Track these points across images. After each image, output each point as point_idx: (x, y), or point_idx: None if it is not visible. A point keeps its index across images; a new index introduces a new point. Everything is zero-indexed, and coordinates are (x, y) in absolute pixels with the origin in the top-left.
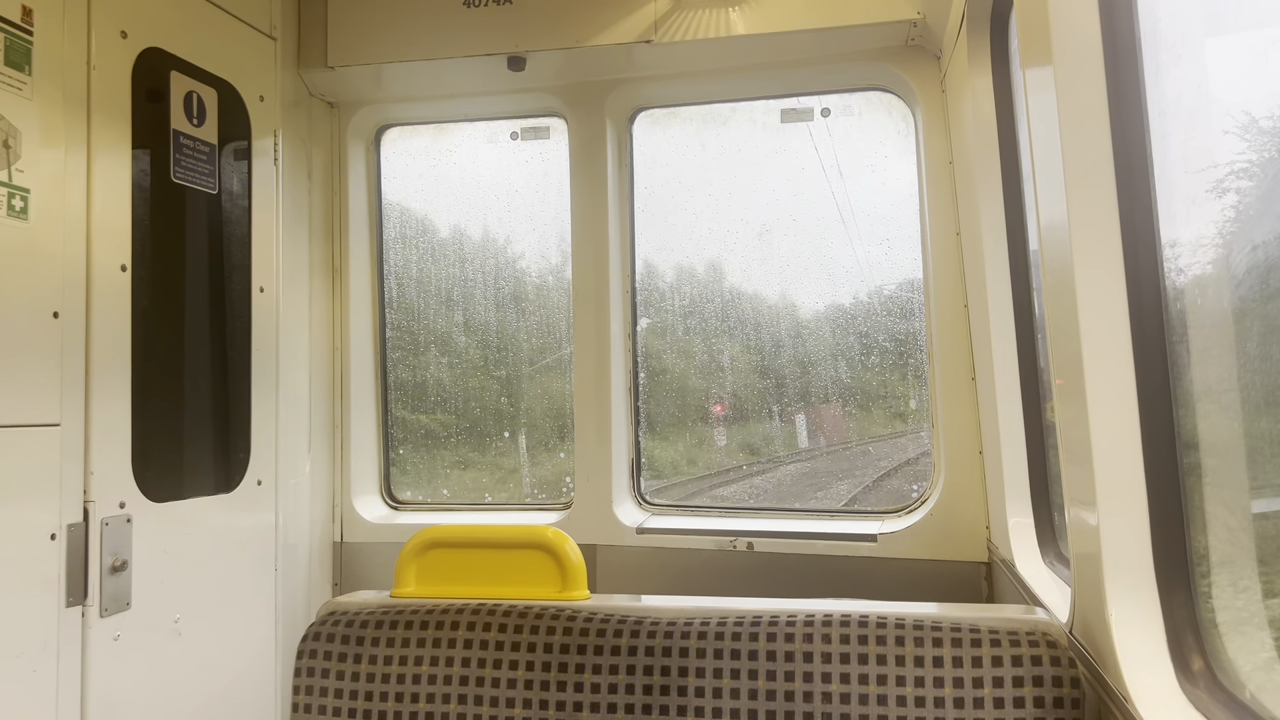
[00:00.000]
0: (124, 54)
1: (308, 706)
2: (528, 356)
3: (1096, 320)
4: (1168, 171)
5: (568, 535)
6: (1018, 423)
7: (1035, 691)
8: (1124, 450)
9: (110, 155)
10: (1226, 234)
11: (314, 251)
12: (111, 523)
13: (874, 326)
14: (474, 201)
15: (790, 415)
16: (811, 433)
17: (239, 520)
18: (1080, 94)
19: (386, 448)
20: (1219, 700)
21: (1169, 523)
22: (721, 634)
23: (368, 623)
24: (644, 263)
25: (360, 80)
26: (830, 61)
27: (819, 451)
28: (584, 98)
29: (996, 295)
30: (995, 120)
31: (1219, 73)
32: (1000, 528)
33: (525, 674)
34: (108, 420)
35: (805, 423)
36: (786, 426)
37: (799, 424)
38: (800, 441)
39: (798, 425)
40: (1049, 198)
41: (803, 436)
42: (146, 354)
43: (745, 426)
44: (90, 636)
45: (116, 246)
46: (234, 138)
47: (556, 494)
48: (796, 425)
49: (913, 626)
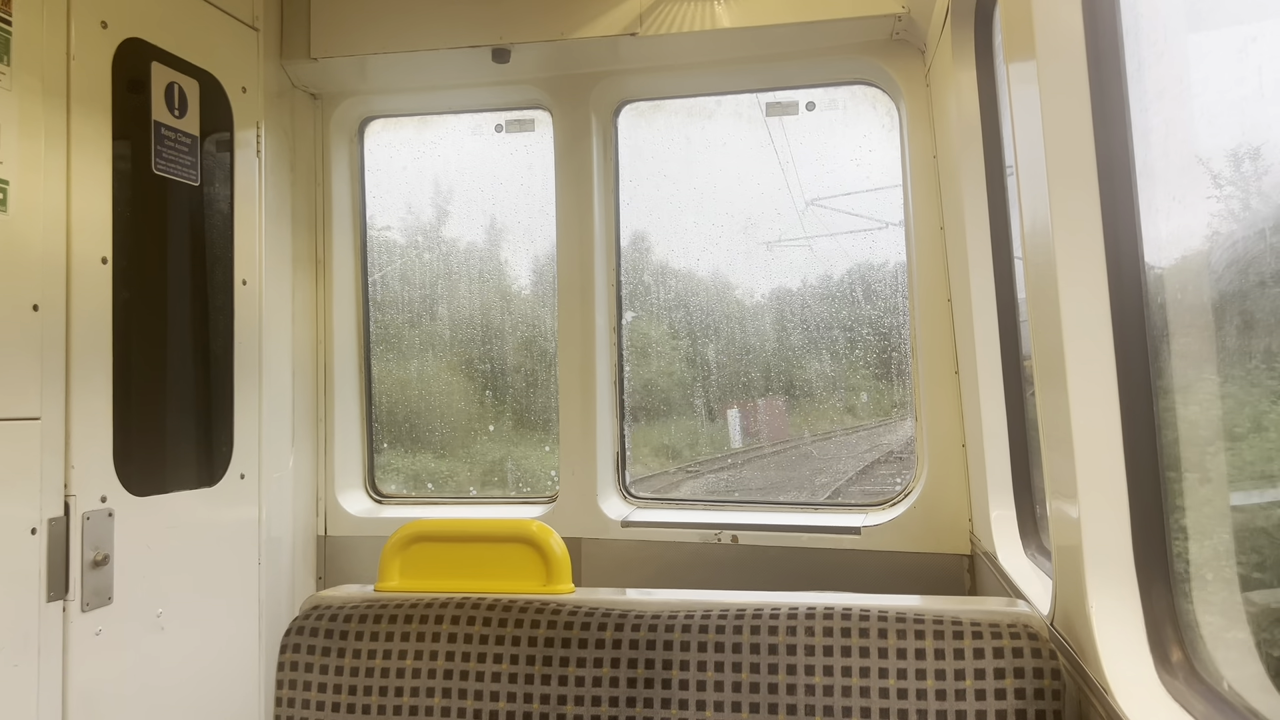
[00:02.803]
0: (104, 44)
1: (291, 700)
2: (512, 349)
3: (1078, 314)
4: (1149, 166)
5: (552, 529)
6: (1000, 416)
7: (1016, 683)
8: (1105, 443)
9: (90, 147)
10: (1207, 228)
11: (297, 244)
12: (93, 517)
13: (857, 319)
14: (458, 194)
15: (768, 408)
16: (794, 425)
17: (222, 514)
18: (1063, 89)
19: (371, 441)
20: (1197, 691)
21: (1149, 516)
22: (706, 627)
23: (351, 616)
24: (629, 257)
25: (344, 72)
26: (815, 55)
27: (804, 442)
28: (569, 90)
29: (979, 289)
30: (979, 115)
31: (1200, 68)
32: (982, 520)
33: (510, 667)
34: (88, 414)
35: (776, 415)
36: (766, 418)
37: (754, 418)
38: (785, 433)
39: (745, 420)
40: (1032, 192)
41: (778, 429)
42: (128, 347)
43: (716, 419)
44: (71, 631)
45: (97, 239)
46: (216, 129)
47: (542, 488)
48: (762, 418)
49: (895, 619)
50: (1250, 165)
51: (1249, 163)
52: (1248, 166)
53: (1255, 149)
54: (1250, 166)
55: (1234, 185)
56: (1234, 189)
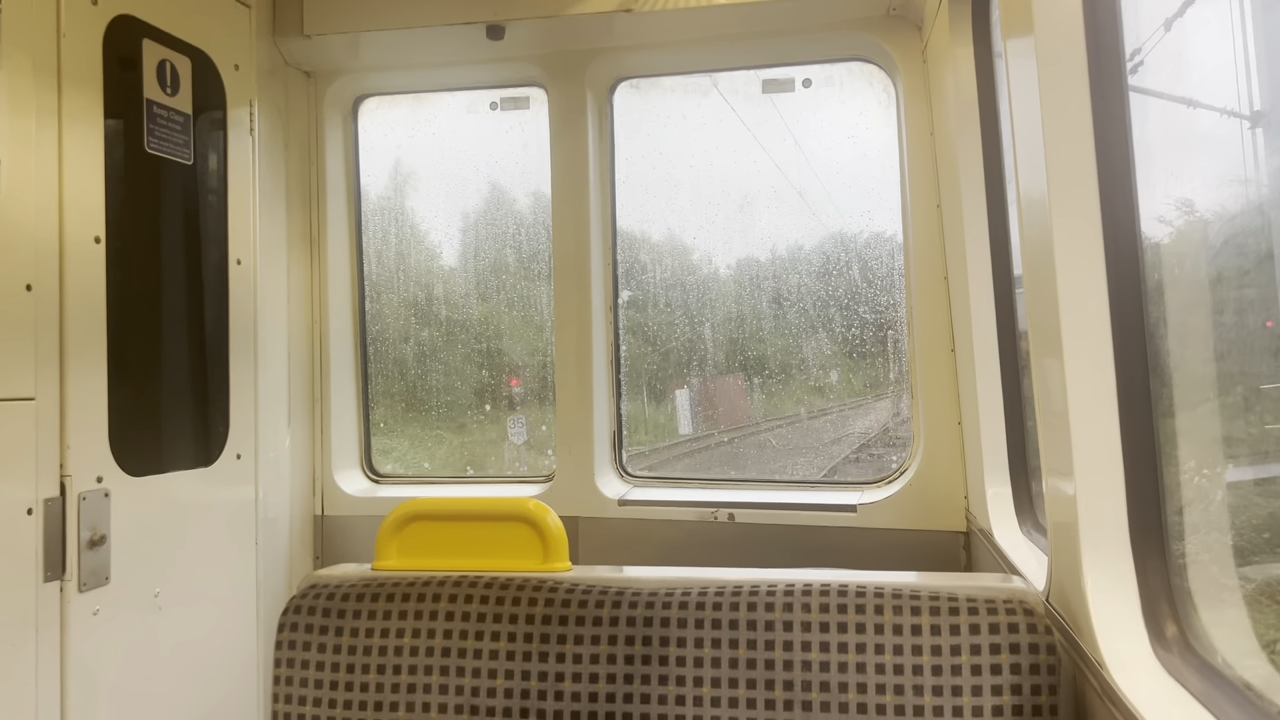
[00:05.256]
0: (95, 21)
1: (289, 679)
2: (509, 326)
3: (1075, 291)
4: (1147, 143)
5: (549, 507)
6: (996, 394)
7: (1012, 659)
8: (1102, 420)
9: (82, 125)
10: (1205, 205)
11: (291, 223)
12: (89, 497)
13: (855, 298)
14: (453, 172)
15: (767, 386)
16: (794, 401)
17: (218, 494)
18: (1061, 65)
19: (367, 420)
20: (1192, 666)
21: (1145, 492)
22: (703, 604)
23: (349, 595)
24: (624, 234)
25: (337, 49)
26: (811, 32)
27: (800, 419)
28: (564, 67)
29: (976, 266)
30: (976, 91)
31: (1198, 43)
32: (978, 498)
33: (507, 645)
34: (83, 394)
35: (775, 392)
36: (764, 396)
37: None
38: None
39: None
40: (1029, 169)
41: (784, 405)
42: (122, 327)
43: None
44: (69, 611)
45: (90, 218)
46: (209, 107)
47: (538, 466)
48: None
49: (891, 595)
50: (1250, 142)
51: (1248, 131)
52: (1247, 144)
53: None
54: (1250, 143)
55: (1232, 160)
56: (1232, 164)
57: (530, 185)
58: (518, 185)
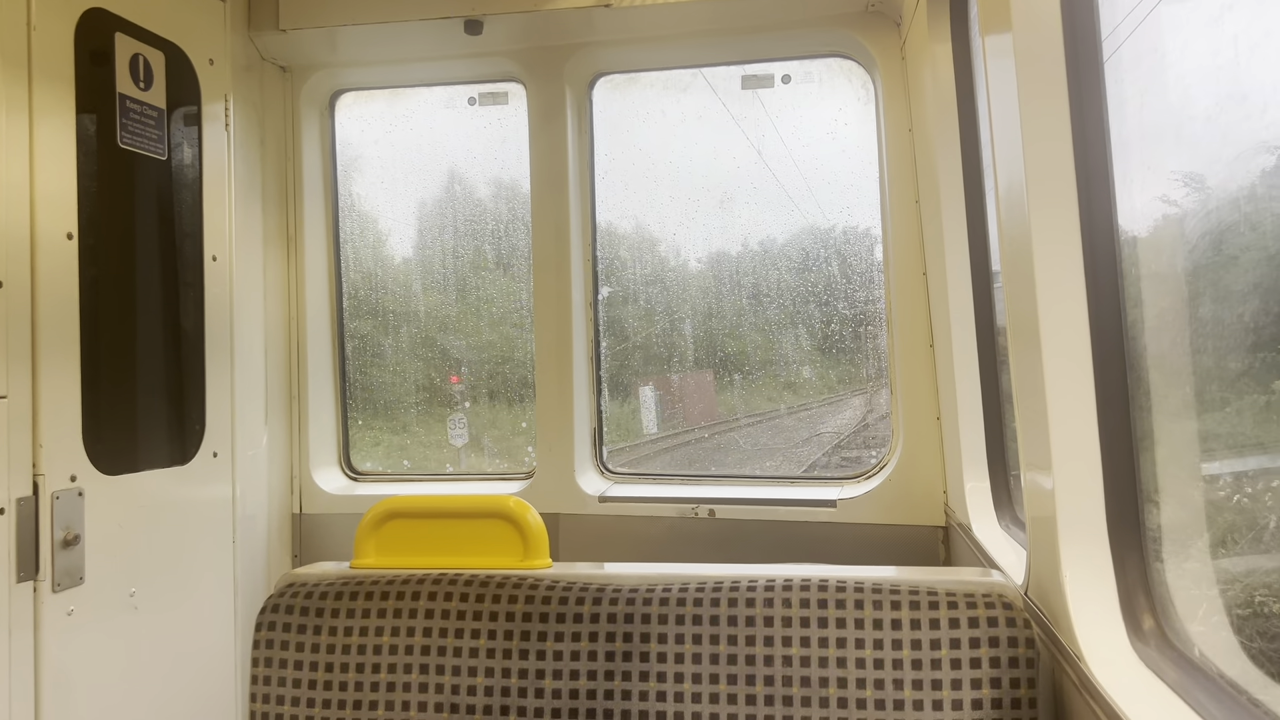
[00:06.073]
0: (66, 14)
1: (267, 679)
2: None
3: (1053, 286)
4: (1124, 139)
5: (529, 504)
6: (975, 389)
7: (991, 652)
8: (1079, 414)
9: (53, 119)
10: (1181, 200)
11: (268, 219)
12: (62, 496)
13: (834, 294)
14: (431, 168)
15: (749, 382)
16: (770, 397)
17: (195, 492)
18: (1039, 61)
19: (345, 418)
20: (1169, 658)
21: (1123, 486)
22: (683, 600)
23: (327, 594)
24: (604, 231)
25: (313, 43)
26: (791, 27)
27: (780, 415)
28: (543, 62)
29: (954, 262)
30: (954, 87)
31: (1175, 39)
32: (957, 492)
33: (487, 643)
34: (57, 392)
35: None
36: (744, 392)
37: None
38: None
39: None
40: (1007, 165)
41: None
42: (96, 324)
43: None
44: (43, 612)
45: (62, 214)
46: (183, 102)
47: (519, 462)
48: (739, 392)
49: (871, 590)
50: (1226, 138)
51: (1224, 136)
52: (1223, 136)
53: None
54: (1227, 138)
55: (1208, 154)
56: (1208, 158)
57: (508, 180)
58: (497, 180)
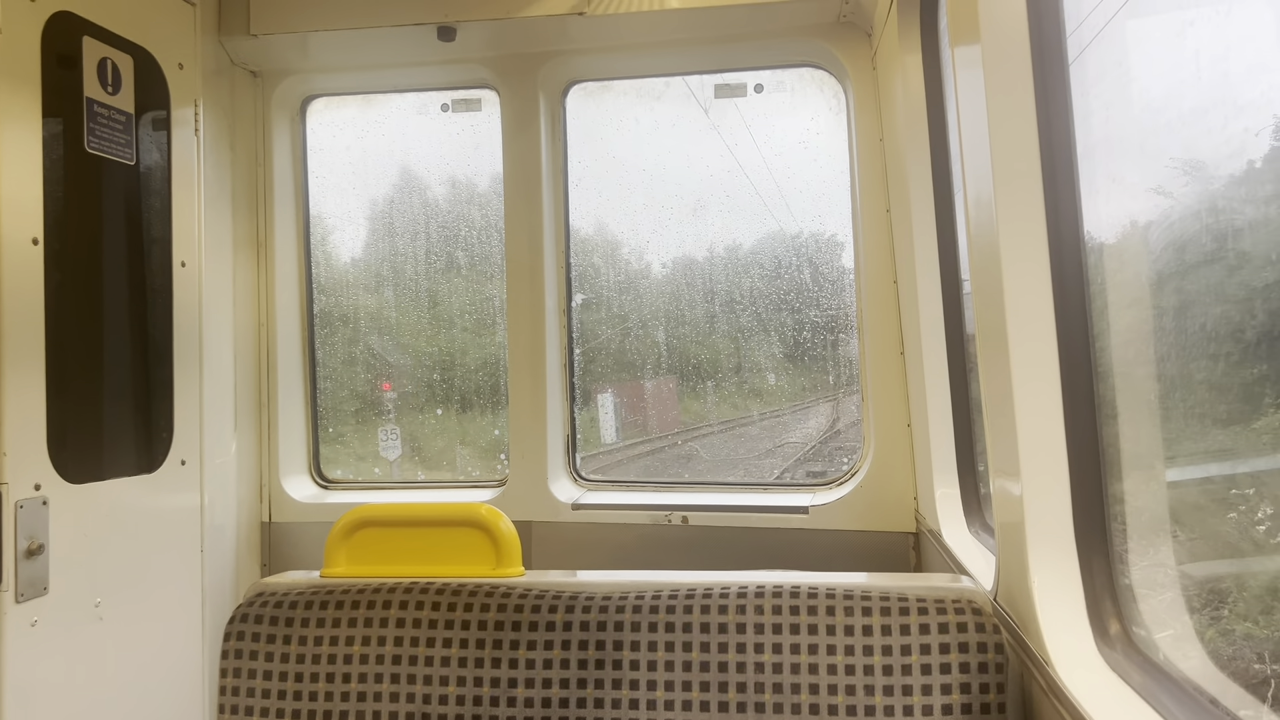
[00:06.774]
0: (33, 17)
1: (235, 689)
2: (460, 333)
3: (1021, 295)
4: (1090, 149)
5: (501, 512)
6: (945, 396)
7: (961, 657)
8: (1047, 422)
9: (19, 123)
10: (1145, 212)
11: (238, 225)
12: (26, 505)
13: (805, 302)
14: (404, 175)
15: (720, 389)
16: (731, 407)
17: (162, 501)
18: (1007, 72)
19: (315, 426)
20: (1134, 662)
21: (1090, 492)
22: (656, 607)
23: (297, 603)
24: (578, 239)
25: (284, 49)
26: (763, 37)
27: (753, 420)
28: (516, 70)
29: (925, 271)
30: (925, 98)
31: (1138, 52)
32: (927, 499)
33: (459, 652)
34: (20, 399)
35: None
36: (715, 399)
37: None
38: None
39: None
40: (976, 174)
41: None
42: (61, 330)
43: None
44: (5, 623)
45: (27, 218)
46: (152, 107)
47: (491, 470)
48: (710, 399)
49: (843, 596)
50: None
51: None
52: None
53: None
54: (1190, 152)
55: (1172, 167)
56: (1172, 171)
57: (482, 187)
58: (470, 187)
